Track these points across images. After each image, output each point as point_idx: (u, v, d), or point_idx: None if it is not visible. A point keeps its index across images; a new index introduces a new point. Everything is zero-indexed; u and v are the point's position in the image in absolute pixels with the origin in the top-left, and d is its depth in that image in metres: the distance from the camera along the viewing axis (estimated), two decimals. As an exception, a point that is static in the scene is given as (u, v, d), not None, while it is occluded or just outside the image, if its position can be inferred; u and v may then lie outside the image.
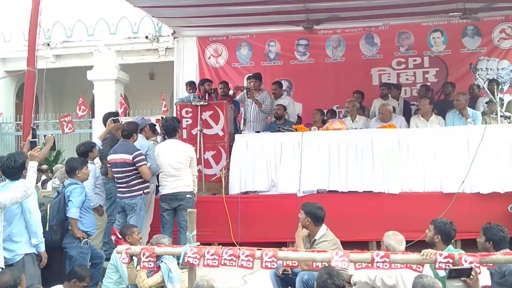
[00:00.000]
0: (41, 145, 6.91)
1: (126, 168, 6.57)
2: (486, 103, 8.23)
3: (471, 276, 3.84)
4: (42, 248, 5.21)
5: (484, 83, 8.51)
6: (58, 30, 14.45)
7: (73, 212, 5.64)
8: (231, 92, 9.86)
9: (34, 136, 6.37)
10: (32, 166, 5.03)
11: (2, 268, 4.76)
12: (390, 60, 10.56)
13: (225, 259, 4.17)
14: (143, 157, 6.63)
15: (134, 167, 6.56)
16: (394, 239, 4.54)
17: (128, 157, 6.54)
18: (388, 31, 10.56)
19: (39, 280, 5.10)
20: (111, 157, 6.71)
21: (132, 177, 6.60)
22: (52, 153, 12.07)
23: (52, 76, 12.30)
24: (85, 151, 6.73)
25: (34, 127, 6.82)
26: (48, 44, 14.29)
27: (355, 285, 4.48)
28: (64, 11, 13.89)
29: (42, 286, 4.75)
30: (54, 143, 6.39)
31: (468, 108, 7.81)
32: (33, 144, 5.48)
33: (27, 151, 5.50)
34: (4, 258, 4.89)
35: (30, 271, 5.04)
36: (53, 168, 9.21)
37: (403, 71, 10.54)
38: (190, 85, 10.00)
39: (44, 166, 9.33)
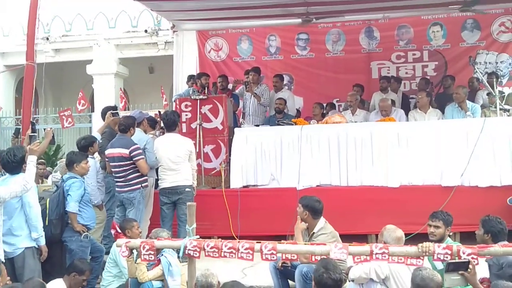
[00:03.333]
0: (40, 139, 6.91)
1: (124, 162, 6.58)
2: (487, 95, 8.23)
3: (469, 270, 3.86)
4: (42, 242, 5.23)
5: (483, 76, 8.52)
6: (57, 24, 14.44)
7: (72, 206, 5.65)
8: (230, 86, 9.86)
9: (33, 130, 6.37)
10: (31, 160, 5.05)
11: (3, 262, 4.77)
12: (390, 54, 10.57)
13: (224, 251, 4.18)
14: (140, 151, 6.63)
15: (131, 161, 6.57)
16: (393, 236, 4.51)
17: (125, 151, 6.55)
18: (387, 24, 10.55)
19: (39, 273, 5.13)
20: (108, 151, 6.72)
21: (130, 171, 6.61)
22: (51, 147, 12.09)
23: (52, 70, 12.31)
24: (86, 145, 6.72)
25: (34, 122, 6.82)
26: (47, 38, 14.28)
27: (352, 281, 4.49)
28: (63, 5, 13.88)
29: (43, 279, 4.76)
30: (53, 137, 6.39)
31: (467, 101, 7.82)
32: (32, 138, 5.48)
33: (26, 145, 5.50)
34: (5, 251, 4.92)
35: (31, 265, 5.08)
36: (57, 162, 9.21)
37: (403, 64, 10.55)
38: (193, 78, 9.98)
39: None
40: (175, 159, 6.81)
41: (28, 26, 6.98)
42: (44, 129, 7.21)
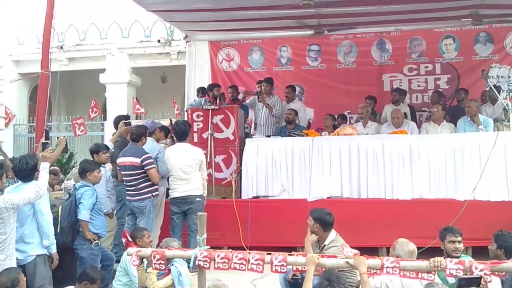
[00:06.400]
0: (53, 147, 6.97)
1: (135, 171, 6.60)
2: (503, 110, 8.18)
3: (481, 285, 3.82)
4: (54, 249, 5.24)
5: (486, 88, 8.53)
6: (71, 33, 14.59)
7: (83, 214, 5.67)
8: (240, 96, 9.89)
9: (47, 138, 6.42)
10: (44, 167, 5.08)
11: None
12: (402, 66, 10.54)
13: (235, 263, 4.17)
14: (152, 160, 6.65)
15: (142, 170, 6.58)
16: (405, 250, 4.47)
17: (137, 160, 6.57)
18: (400, 37, 10.54)
19: (50, 281, 5.13)
20: (120, 160, 6.75)
21: (141, 180, 6.63)
22: (64, 155, 12.17)
23: (65, 78, 12.41)
24: (92, 151, 6.75)
25: (47, 129, 6.87)
26: (62, 47, 14.42)
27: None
28: (77, 14, 14.03)
29: (53, 287, 4.78)
30: (66, 145, 6.43)
31: (479, 115, 7.77)
32: (45, 146, 5.52)
33: (39, 153, 5.54)
34: (16, 259, 4.93)
35: (42, 272, 5.08)
36: (71, 170, 9.26)
37: (415, 77, 10.52)
38: (203, 92, 10.02)
39: (56, 168, 9.41)
40: (185, 169, 6.83)
41: (43, 35, 7.06)
42: (58, 137, 7.27)
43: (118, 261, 6.00)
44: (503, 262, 3.88)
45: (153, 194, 6.72)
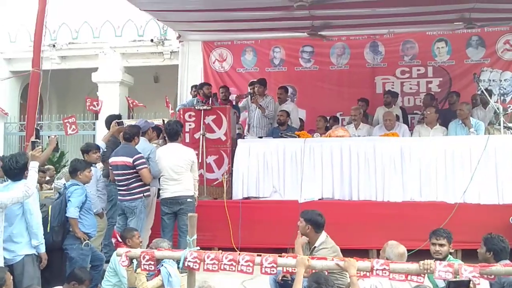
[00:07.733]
0: (44, 146, 6.93)
1: (127, 171, 6.58)
2: (494, 113, 8.23)
3: (470, 288, 3.84)
4: (42, 249, 5.22)
5: (479, 93, 8.57)
6: (64, 31, 14.50)
7: (72, 211, 5.64)
8: (232, 97, 9.88)
9: (37, 136, 6.39)
10: (33, 167, 5.05)
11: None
12: (394, 69, 10.58)
13: (225, 264, 4.16)
14: (144, 160, 6.63)
15: (134, 170, 6.57)
16: (395, 253, 4.49)
17: (129, 160, 6.55)
18: (392, 39, 10.58)
19: (39, 281, 5.10)
20: (112, 160, 6.72)
21: (132, 180, 6.60)
22: (55, 154, 12.10)
23: (57, 77, 12.32)
24: (82, 150, 6.80)
25: (38, 128, 6.84)
26: (54, 45, 14.33)
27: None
28: (70, 12, 13.95)
29: (42, 287, 4.75)
30: (57, 144, 6.40)
31: (471, 118, 7.80)
32: (34, 144, 5.49)
33: (29, 151, 5.51)
34: (4, 258, 4.90)
35: (30, 272, 5.06)
36: (62, 169, 9.26)
37: (407, 80, 10.56)
38: (196, 87, 10.01)
39: (49, 166, 9.37)
40: (177, 169, 6.82)
41: (35, 32, 7.02)
42: (48, 136, 7.23)
43: (108, 261, 5.98)
44: (492, 265, 3.90)
45: (145, 194, 6.71)
